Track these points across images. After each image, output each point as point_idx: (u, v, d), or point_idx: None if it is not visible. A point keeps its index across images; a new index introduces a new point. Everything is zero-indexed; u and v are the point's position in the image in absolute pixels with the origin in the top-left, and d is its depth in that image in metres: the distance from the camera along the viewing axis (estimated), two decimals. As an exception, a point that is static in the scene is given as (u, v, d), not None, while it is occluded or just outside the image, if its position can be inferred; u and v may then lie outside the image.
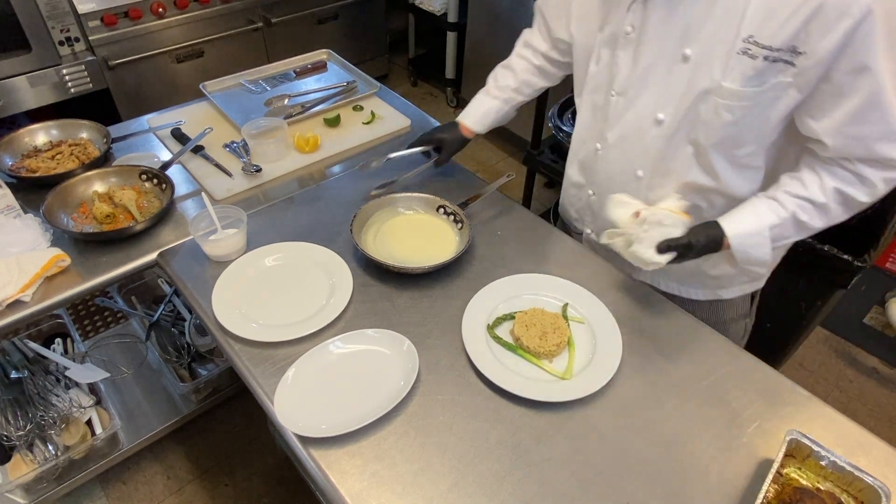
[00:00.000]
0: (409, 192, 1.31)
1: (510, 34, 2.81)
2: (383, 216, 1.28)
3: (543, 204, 2.91)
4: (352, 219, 1.20)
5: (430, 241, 1.24)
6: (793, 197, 0.92)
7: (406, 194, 1.29)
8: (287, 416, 0.90)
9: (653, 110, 0.96)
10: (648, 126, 0.98)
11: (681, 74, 0.91)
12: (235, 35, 2.61)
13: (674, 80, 0.92)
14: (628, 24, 0.93)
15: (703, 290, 1.19)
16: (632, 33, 0.93)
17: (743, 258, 0.96)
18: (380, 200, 1.28)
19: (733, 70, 0.85)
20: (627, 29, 0.94)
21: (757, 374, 1.00)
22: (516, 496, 0.83)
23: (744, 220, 0.95)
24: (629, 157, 1.04)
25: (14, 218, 1.22)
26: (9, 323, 1.09)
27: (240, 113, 1.60)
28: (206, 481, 1.79)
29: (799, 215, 0.92)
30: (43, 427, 1.50)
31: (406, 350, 1.00)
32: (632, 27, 0.93)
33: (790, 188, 0.93)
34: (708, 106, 0.90)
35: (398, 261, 1.16)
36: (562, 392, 0.95)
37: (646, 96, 0.97)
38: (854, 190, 0.89)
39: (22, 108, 2.16)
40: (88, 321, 2.01)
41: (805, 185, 0.92)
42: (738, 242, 0.95)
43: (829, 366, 2.21)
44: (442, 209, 1.28)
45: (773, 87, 0.84)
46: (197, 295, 1.13)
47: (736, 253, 0.96)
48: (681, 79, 0.91)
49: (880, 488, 0.79)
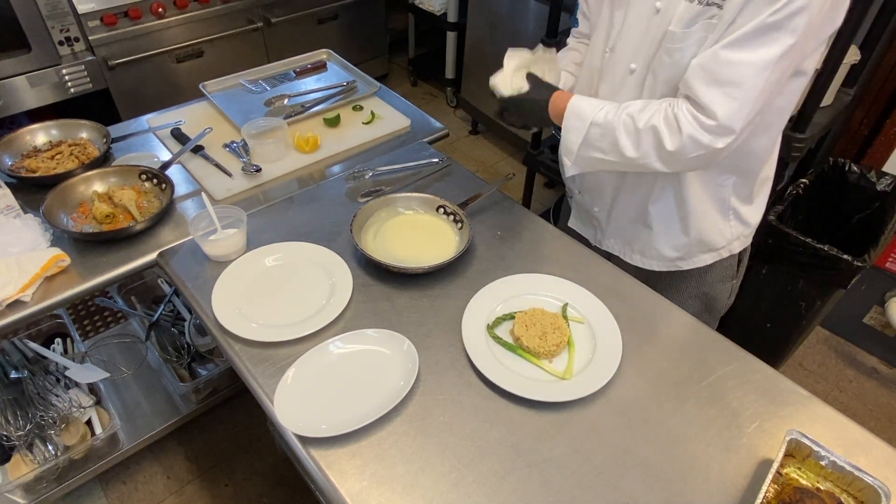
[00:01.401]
0: (408, 191, 1.31)
1: (510, 34, 2.83)
2: (383, 216, 1.28)
3: (543, 204, 2.91)
4: (352, 219, 1.20)
5: (430, 241, 1.24)
6: (626, 113, 0.98)
7: (406, 194, 1.29)
8: (287, 416, 0.90)
9: (629, 61, 1.03)
10: (624, 75, 1.05)
11: (652, 26, 0.98)
12: (235, 35, 2.61)
13: (648, 32, 0.99)
14: None
15: (662, 263, 1.25)
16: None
17: (564, 135, 1.05)
18: (379, 200, 1.28)
19: (679, 16, 0.92)
20: None
21: (757, 374, 1.00)
22: (516, 496, 0.83)
23: (584, 101, 1.03)
24: None
25: (14, 218, 1.22)
26: (9, 323, 1.09)
27: (240, 113, 1.61)
28: (206, 481, 1.79)
29: (618, 131, 0.98)
30: (43, 427, 1.50)
31: (406, 350, 1.00)
32: None
33: (633, 106, 0.98)
34: (662, 51, 0.97)
35: (398, 261, 1.16)
36: (562, 392, 0.95)
37: (624, 48, 1.04)
38: (667, 132, 0.93)
39: (22, 108, 2.16)
40: (88, 321, 2.01)
41: (643, 108, 0.97)
42: (569, 113, 1.03)
43: (829, 366, 2.21)
44: (442, 209, 1.28)
45: (702, 26, 0.90)
46: (197, 295, 1.13)
47: (564, 122, 1.04)
48: (651, 30, 0.98)
49: (880, 488, 0.79)
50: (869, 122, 2.12)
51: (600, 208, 1.26)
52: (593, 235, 1.34)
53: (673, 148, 0.93)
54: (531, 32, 2.62)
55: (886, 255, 2.08)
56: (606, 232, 1.29)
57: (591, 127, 1.00)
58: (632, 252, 1.27)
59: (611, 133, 0.99)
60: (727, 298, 1.33)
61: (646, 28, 0.99)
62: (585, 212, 1.31)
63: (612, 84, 1.09)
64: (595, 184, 1.23)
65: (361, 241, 1.19)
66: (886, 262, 2.08)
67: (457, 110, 3.55)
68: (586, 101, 1.03)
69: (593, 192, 1.25)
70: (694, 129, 0.91)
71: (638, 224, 1.21)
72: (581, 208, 1.33)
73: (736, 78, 0.86)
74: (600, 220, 1.28)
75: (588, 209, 1.29)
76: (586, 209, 1.30)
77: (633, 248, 1.26)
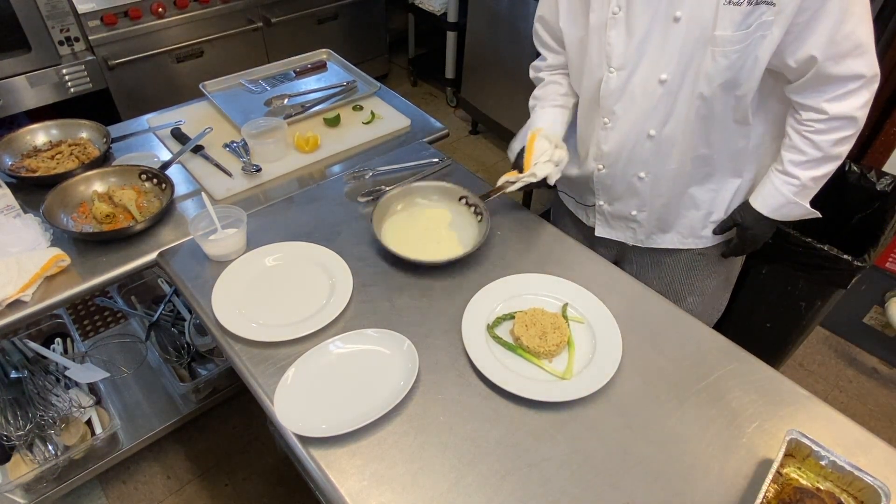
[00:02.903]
0: (427, 181, 1.32)
1: (510, 34, 2.83)
2: (400, 207, 1.29)
3: (543, 204, 2.91)
4: (372, 210, 1.22)
5: (447, 234, 1.25)
6: (796, 166, 1.08)
7: (425, 183, 1.29)
8: (287, 416, 0.90)
9: (655, 73, 1.05)
10: (654, 87, 1.06)
11: (675, 34, 0.99)
12: (235, 35, 2.61)
13: (669, 41, 1.00)
14: (615, 6, 1.02)
15: (707, 239, 1.28)
16: (619, 13, 1.02)
17: (788, 218, 1.16)
18: (400, 190, 1.28)
19: (723, 19, 0.94)
20: (615, 10, 1.02)
21: (757, 374, 1.00)
22: (516, 496, 0.83)
23: (769, 196, 1.14)
24: (640, 121, 1.11)
25: (14, 218, 1.22)
26: (9, 323, 1.09)
27: (240, 113, 1.61)
28: (206, 481, 1.79)
29: (810, 175, 1.08)
30: (43, 427, 1.50)
31: (406, 350, 1.00)
32: (619, 7, 1.02)
33: (792, 157, 1.08)
34: (705, 56, 0.99)
35: (416, 252, 1.16)
36: (562, 392, 0.95)
37: (644, 64, 1.05)
38: (843, 131, 1.03)
39: (22, 108, 2.16)
40: (88, 321, 2.01)
41: (801, 150, 1.06)
42: (776, 216, 1.15)
43: (829, 366, 2.21)
44: (464, 200, 1.28)
45: (758, 26, 0.93)
46: (197, 295, 1.13)
47: (779, 219, 1.16)
48: (676, 38, 1.00)
49: (880, 488, 0.79)
50: (869, 123, 2.12)
51: (639, 210, 1.26)
52: (633, 237, 1.33)
53: (853, 131, 1.03)
54: (531, 32, 2.62)
55: (886, 255, 2.08)
56: (651, 229, 1.30)
57: (795, 196, 1.11)
58: (683, 238, 1.29)
59: (808, 182, 1.10)
60: (734, 273, 1.39)
61: (667, 39, 1.00)
62: (620, 218, 1.31)
63: (632, 100, 1.09)
64: (628, 190, 1.24)
65: (381, 232, 1.20)
66: (886, 262, 2.08)
67: (457, 110, 3.55)
68: (764, 196, 1.14)
69: (626, 197, 1.25)
70: (850, 106, 1.00)
71: (682, 209, 1.24)
72: (613, 216, 1.32)
73: (854, 38, 0.93)
74: (641, 222, 1.28)
75: (623, 214, 1.29)
76: (621, 215, 1.30)
77: (683, 233, 1.28)
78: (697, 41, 0.98)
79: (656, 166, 1.17)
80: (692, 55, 1.00)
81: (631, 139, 1.14)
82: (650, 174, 1.18)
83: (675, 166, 1.16)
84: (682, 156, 1.14)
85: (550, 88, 1.29)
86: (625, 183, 1.22)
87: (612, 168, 1.21)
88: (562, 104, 1.27)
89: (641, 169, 1.18)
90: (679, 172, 1.17)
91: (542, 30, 1.28)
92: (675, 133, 1.11)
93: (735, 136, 1.11)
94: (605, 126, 1.16)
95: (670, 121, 1.09)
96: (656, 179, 1.19)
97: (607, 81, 1.10)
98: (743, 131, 1.10)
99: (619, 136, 1.15)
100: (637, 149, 1.15)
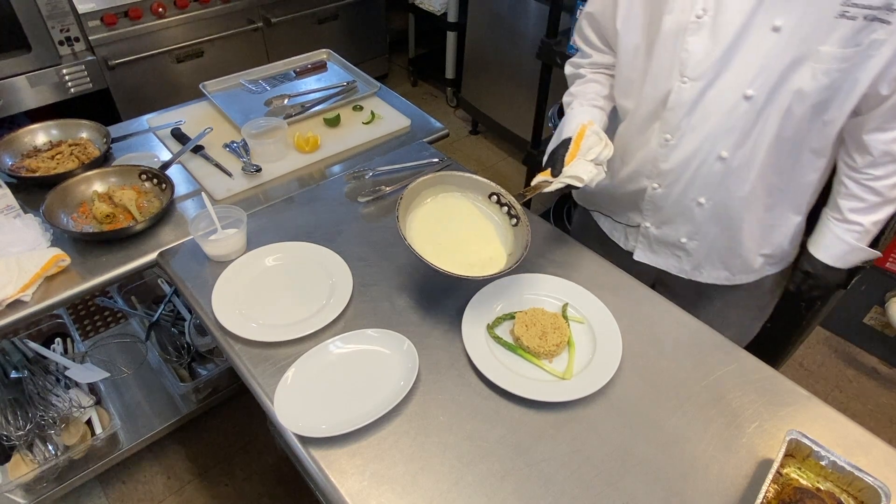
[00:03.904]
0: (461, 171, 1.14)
1: (510, 34, 2.83)
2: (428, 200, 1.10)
3: (543, 204, 2.91)
4: (397, 203, 1.02)
5: (476, 236, 1.10)
6: (857, 213, 1.03)
7: (458, 173, 1.11)
8: (287, 416, 0.90)
9: (739, 87, 0.94)
10: (736, 103, 0.95)
11: (771, 46, 0.89)
12: (235, 35, 2.61)
13: (763, 52, 0.90)
14: (699, 9, 0.91)
15: (751, 274, 1.21)
16: (704, 16, 0.92)
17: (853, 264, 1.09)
18: (428, 178, 1.08)
19: (832, 33, 0.85)
20: (699, 13, 0.92)
21: (757, 374, 1.00)
22: (516, 496, 0.83)
23: (832, 246, 1.07)
24: (712, 140, 1.01)
25: (14, 218, 1.22)
26: (9, 323, 1.09)
27: (240, 113, 1.60)
28: (206, 481, 1.79)
29: (872, 220, 1.03)
30: (43, 427, 1.50)
31: (406, 350, 1.00)
32: (703, 11, 0.91)
33: (852, 206, 1.03)
34: (803, 73, 0.89)
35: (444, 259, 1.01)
36: (562, 392, 0.94)
37: (728, 75, 0.94)
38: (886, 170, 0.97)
39: (22, 108, 2.16)
40: (88, 321, 2.01)
41: (861, 197, 1.01)
42: (841, 264, 1.08)
43: (829, 366, 2.21)
44: (495, 197, 1.11)
45: (869, 45, 0.84)
46: (197, 295, 1.13)
47: (844, 266, 1.08)
48: (771, 51, 0.89)
49: (880, 488, 0.79)
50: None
51: (690, 238, 1.15)
52: (677, 265, 1.22)
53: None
54: (531, 32, 2.62)
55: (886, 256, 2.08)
56: (700, 260, 1.19)
57: (858, 243, 1.05)
58: (732, 276, 1.19)
59: (869, 227, 1.04)
60: (778, 296, 1.31)
61: (760, 50, 0.90)
62: (667, 244, 1.20)
63: (705, 115, 0.99)
64: (682, 214, 1.13)
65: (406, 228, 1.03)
66: (886, 262, 2.09)
67: (457, 110, 3.55)
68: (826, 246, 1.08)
69: (678, 222, 1.15)
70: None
71: (735, 242, 1.14)
72: (658, 240, 1.21)
73: None
74: (690, 251, 1.18)
75: (671, 240, 1.18)
76: (668, 241, 1.19)
77: (733, 269, 1.18)
78: (797, 55, 0.88)
79: (720, 192, 1.05)
80: (789, 70, 0.89)
81: (697, 159, 1.03)
82: (711, 200, 1.07)
83: (741, 194, 1.05)
84: (751, 183, 1.03)
85: (591, 87, 1.18)
86: (680, 206, 1.11)
87: (669, 188, 1.11)
88: (601, 106, 1.16)
89: (703, 194, 1.07)
90: (744, 201, 1.06)
91: (589, 27, 1.16)
92: (751, 157, 1.00)
93: (808, 167, 1.02)
94: (666, 143, 1.05)
95: (747, 143, 0.98)
96: (717, 206, 1.08)
97: (678, 93, 0.98)
98: (817, 163, 1.02)
99: (684, 155, 1.04)
100: (703, 170, 1.04)
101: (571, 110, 1.17)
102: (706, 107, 0.98)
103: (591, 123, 1.08)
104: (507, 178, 3.11)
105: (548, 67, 2.17)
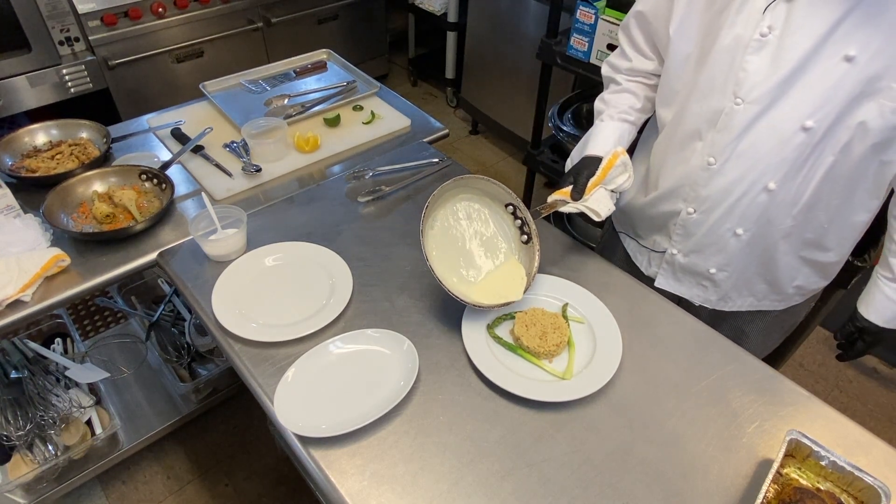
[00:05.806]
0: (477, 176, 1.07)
1: (510, 34, 2.83)
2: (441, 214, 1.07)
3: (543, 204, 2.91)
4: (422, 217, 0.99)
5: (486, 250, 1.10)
6: None
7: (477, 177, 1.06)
8: (287, 416, 0.90)
9: (799, 116, 0.87)
10: (793, 134, 0.88)
11: (841, 77, 0.82)
12: (235, 35, 2.61)
13: (830, 83, 0.83)
14: (765, 27, 0.84)
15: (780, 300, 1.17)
16: (769, 35, 0.84)
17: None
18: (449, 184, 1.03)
19: None
20: (764, 31, 0.85)
21: (757, 374, 1.00)
22: (516, 496, 0.83)
23: (884, 309, 1.03)
24: (760, 170, 0.93)
25: (14, 218, 1.22)
26: (9, 323, 1.09)
27: (240, 113, 1.60)
28: (206, 481, 1.79)
29: None
30: (43, 427, 1.50)
31: (406, 350, 1.00)
32: (769, 29, 0.84)
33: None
34: (870, 108, 0.83)
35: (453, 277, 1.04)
36: (562, 392, 0.94)
37: (787, 103, 0.87)
38: None
39: (22, 108, 2.16)
40: (88, 321, 2.01)
41: None
42: (892, 325, 1.04)
43: (829, 366, 2.21)
44: (511, 207, 1.08)
45: None
46: (197, 295, 1.13)
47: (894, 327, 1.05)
48: (840, 82, 0.82)
49: (880, 488, 0.79)
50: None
51: (720, 269, 1.09)
52: (702, 296, 1.16)
53: None
54: (531, 32, 2.62)
55: (886, 255, 2.08)
56: (727, 291, 1.13)
57: None
58: (758, 301, 1.15)
59: None
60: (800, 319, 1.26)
61: (827, 80, 0.83)
62: (693, 273, 1.14)
63: (757, 142, 0.91)
64: (715, 244, 1.06)
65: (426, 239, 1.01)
66: (886, 262, 2.08)
67: (457, 110, 3.55)
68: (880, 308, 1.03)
69: (708, 252, 1.08)
70: None
71: (765, 275, 1.09)
72: (684, 269, 1.14)
73: None
74: (718, 282, 1.12)
75: (698, 270, 1.12)
76: (695, 270, 1.13)
77: (759, 295, 1.14)
78: (867, 89, 0.81)
79: (762, 226, 0.99)
80: (854, 104, 0.83)
81: (741, 188, 0.96)
82: (749, 232, 1.01)
83: (783, 228, 0.98)
84: (795, 219, 0.97)
85: (624, 98, 1.12)
86: (714, 236, 1.04)
87: (705, 215, 1.03)
88: (633, 121, 1.11)
89: (741, 224, 1.00)
90: (785, 237, 1.00)
91: (637, 28, 1.08)
92: (800, 191, 0.93)
93: (858, 207, 0.96)
94: (708, 166, 0.97)
95: (798, 176, 0.92)
96: (754, 238, 1.02)
97: (730, 114, 0.91)
98: (869, 204, 0.96)
99: (726, 181, 0.97)
100: (745, 200, 0.97)
101: (602, 122, 1.14)
102: (759, 133, 0.91)
103: (623, 153, 1.05)
104: (507, 179, 3.11)
105: (548, 67, 2.17)
